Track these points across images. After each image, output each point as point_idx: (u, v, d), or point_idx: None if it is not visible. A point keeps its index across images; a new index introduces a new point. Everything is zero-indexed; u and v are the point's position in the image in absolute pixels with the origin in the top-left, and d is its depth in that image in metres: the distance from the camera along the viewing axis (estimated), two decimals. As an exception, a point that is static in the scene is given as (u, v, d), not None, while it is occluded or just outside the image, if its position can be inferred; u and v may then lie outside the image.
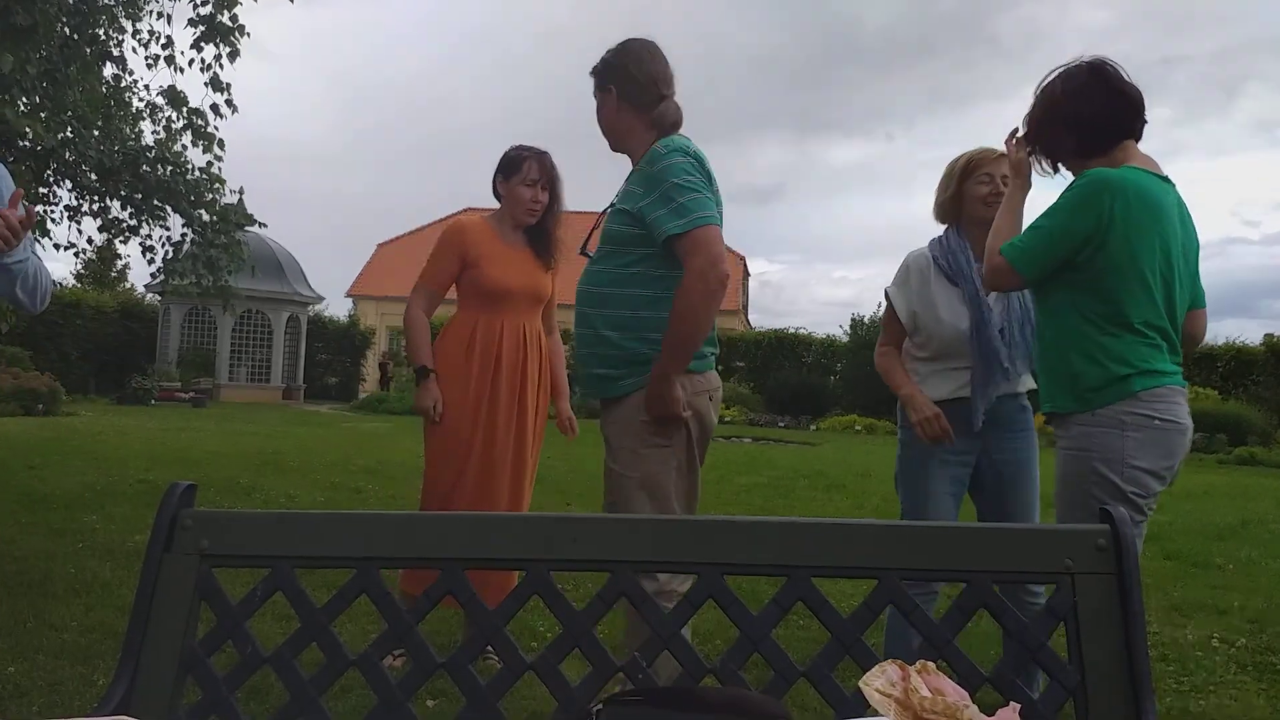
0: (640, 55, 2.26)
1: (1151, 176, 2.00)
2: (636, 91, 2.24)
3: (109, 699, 0.99)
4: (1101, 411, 1.97)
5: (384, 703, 1.02)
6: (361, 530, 1.10)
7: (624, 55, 2.27)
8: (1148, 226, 1.94)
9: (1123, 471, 1.95)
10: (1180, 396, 2.01)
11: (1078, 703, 0.99)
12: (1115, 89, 2.02)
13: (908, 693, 0.64)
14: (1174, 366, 2.02)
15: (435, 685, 2.61)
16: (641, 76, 2.24)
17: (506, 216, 3.06)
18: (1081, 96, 2.02)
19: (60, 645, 3.01)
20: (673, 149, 2.14)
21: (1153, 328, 1.98)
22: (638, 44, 2.29)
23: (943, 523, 1.90)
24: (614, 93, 2.26)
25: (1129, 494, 1.95)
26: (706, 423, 2.22)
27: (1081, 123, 2.03)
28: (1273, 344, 17.64)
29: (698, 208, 2.07)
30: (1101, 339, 1.98)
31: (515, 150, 3.06)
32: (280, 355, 21.18)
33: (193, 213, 6.95)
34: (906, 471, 2.57)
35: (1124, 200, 1.93)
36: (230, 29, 6.10)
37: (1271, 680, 3.17)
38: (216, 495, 6.18)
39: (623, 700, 0.87)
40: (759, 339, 22.66)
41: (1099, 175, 1.97)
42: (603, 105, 2.32)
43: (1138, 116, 2.05)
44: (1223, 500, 8.28)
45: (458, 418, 2.93)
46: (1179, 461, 2.01)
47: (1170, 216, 1.99)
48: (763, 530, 1.09)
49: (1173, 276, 2.00)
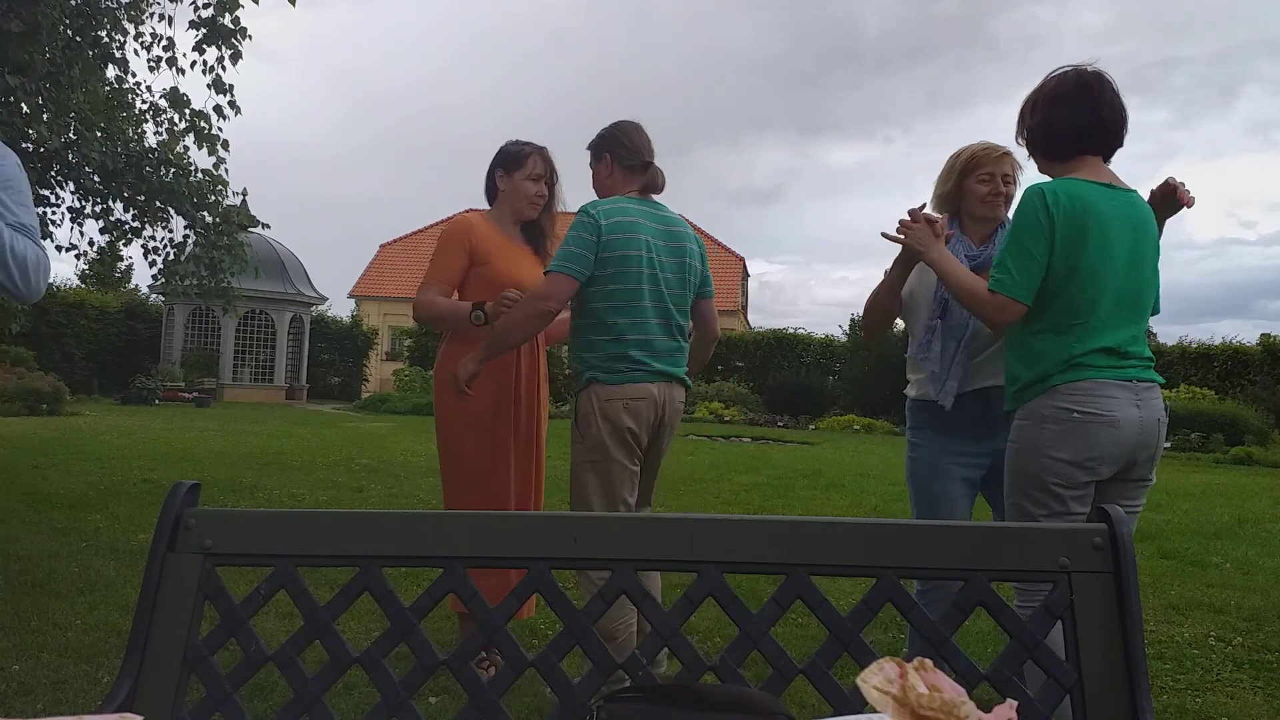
0: (629, 130, 2.79)
1: (1092, 186, 2.08)
2: (626, 156, 2.77)
3: (113, 697, 1.00)
4: (1028, 407, 2.11)
5: (387, 700, 1.03)
6: (364, 529, 1.11)
7: (617, 130, 2.80)
8: (1078, 232, 2.03)
9: (1040, 462, 2.06)
10: (1112, 390, 2.04)
11: (1075, 701, 1.00)
12: (1094, 108, 2.10)
13: (905, 690, 0.65)
14: (1107, 361, 2.05)
15: (437, 683, 2.62)
16: (631, 145, 2.77)
17: (506, 211, 3.01)
18: (1058, 104, 2.12)
19: (64, 644, 3.03)
20: (582, 210, 2.67)
21: (1082, 326, 2.05)
22: (628, 123, 2.82)
23: (940, 521, 1.90)
24: (608, 159, 2.78)
25: (1050, 484, 2.05)
26: (619, 425, 2.62)
27: (1049, 129, 2.14)
28: (1269, 344, 17.61)
29: (559, 257, 2.61)
30: (1030, 340, 2.11)
31: (515, 145, 3.01)
32: (284, 355, 21.19)
33: (195, 214, 6.96)
34: (917, 474, 2.56)
35: (1058, 207, 2.03)
36: (232, 31, 6.12)
37: (1268, 678, 3.18)
38: (220, 494, 6.20)
39: (623, 697, 0.88)
40: (758, 339, 22.64)
41: (1031, 190, 2.09)
42: (596, 171, 2.82)
43: (1107, 138, 2.13)
44: (1219, 499, 8.28)
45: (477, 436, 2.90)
46: (1110, 452, 2.04)
47: (1107, 222, 2.05)
48: (762, 529, 1.10)
49: (1107, 275, 2.05)
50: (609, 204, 2.67)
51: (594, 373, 2.65)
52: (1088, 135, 2.12)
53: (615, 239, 2.60)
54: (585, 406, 2.65)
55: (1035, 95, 2.17)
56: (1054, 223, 2.03)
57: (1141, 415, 2.05)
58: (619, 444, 2.63)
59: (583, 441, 2.66)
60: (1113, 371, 2.05)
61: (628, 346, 2.62)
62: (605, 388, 2.63)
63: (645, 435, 2.67)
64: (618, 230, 2.60)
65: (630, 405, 2.62)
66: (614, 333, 2.62)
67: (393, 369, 24.28)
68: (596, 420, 2.62)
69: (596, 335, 2.64)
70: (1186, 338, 19.64)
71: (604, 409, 2.62)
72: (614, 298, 2.61)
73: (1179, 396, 16.59)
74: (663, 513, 1.18)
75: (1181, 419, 14.67)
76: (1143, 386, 2.07)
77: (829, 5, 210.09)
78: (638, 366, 2.63)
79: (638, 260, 2.61)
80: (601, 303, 2.62)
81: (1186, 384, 17.61)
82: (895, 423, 17.61)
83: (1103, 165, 2.15)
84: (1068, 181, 2.09)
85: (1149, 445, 2.08)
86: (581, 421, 2.67)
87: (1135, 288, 2.10)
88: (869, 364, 19.34)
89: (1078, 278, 2.05)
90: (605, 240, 2.59)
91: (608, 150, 2.78)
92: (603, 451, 2.63)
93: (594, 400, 2.63)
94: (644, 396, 2.64)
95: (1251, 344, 18.29)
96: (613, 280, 2.61)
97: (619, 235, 2.60)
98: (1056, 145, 2.15)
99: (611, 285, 2.61)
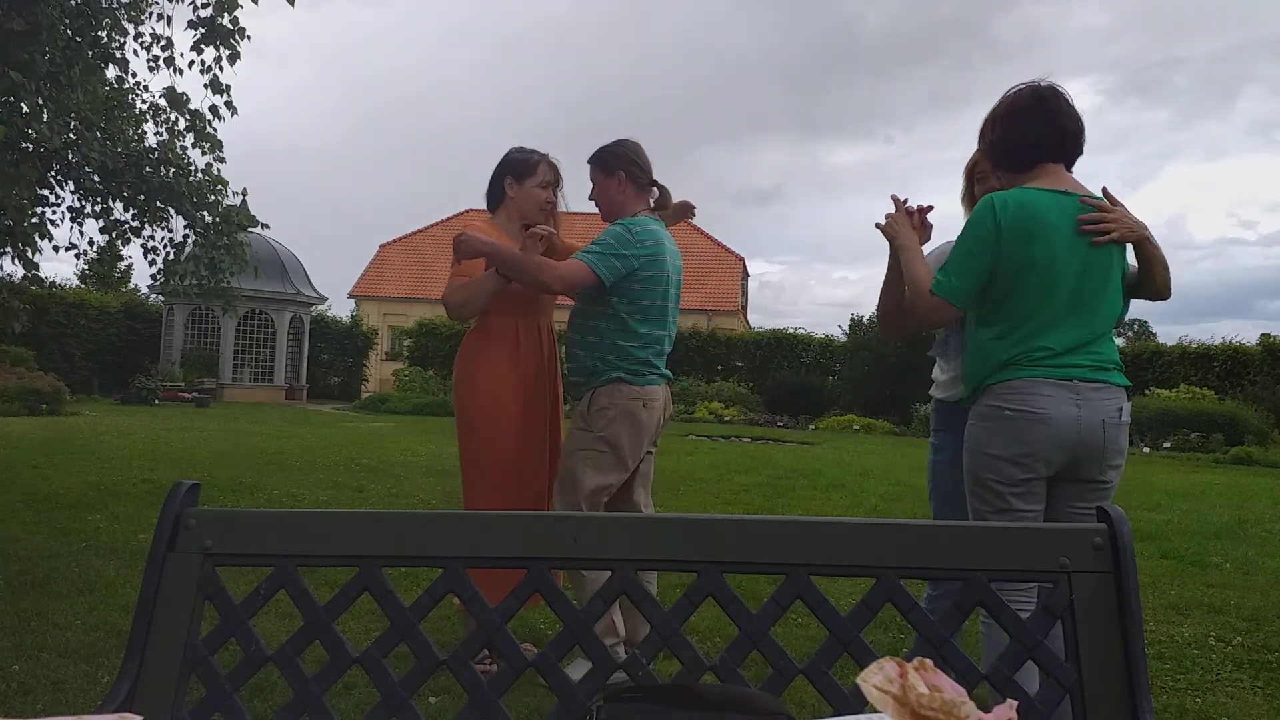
0: (637, 149, 2.97)
1: (1046, 194, 2.13)
2: (639, 175, 2.94)
3: (113, 697, 1.00)
4: (974, 407, 2.21)
5: (386, 700, 1.03)
6: (363, 529, 1.11)
7: (626, 148, 2.95)
8: (1024, 240, 2.09)
9: (978, 459, 2.15)
10: (1045, 388, 2.07)
11: (1075, 700, 1.00)
12: (1052, 119, 2.16)
13: (905, 689, 0.65)
14: (1045, 360, 2.09)
15: (437, 682, 2.62)
16: (642, 164, 2.95)
17: (514, 216, 3.06)
18: (1016, 118, 2.19)
19: (64, 644, 3.03)
20: (623, 225, 2.85)
21: (1025, 329, 2.11)
22: (632, 142, 2.98)
23: (940, 521, 1.91)
24: (622, 175, 2.92)
25: (987, 480, 2.13)
26: (639, 422, 2.85)
27: (1008, 142, 2.21)
28: (1269, 344, 17.60)
29: (596, 255, 2.79)
30: (981, 343, 2.19)
31: (523, 153, 3.07)
32: (283, 355, 21.19)
33: (195, 214, 6.95)
34: (937, 474, 2.58)
35: (1006, 216, 2.09)
36: (230, 31, 6.10)
37: (1268, 678, 3.18)
38: (220, 494, 6.20)
39: (622, 697, 0.88)
40: (758, 339, 22.64)
41: (984, 199, 2.16)
42: (606, 186, 2.95)
43: (1066, 147, 2.19)
44: (1219, 499, 8.28)
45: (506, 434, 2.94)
46: (1045, 449, 2.07)
47: (1055, 229, 2.10)
48: (762, 529, 1.10)
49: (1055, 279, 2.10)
50: (643, 224, 2.88)
51: (620, 373, 2.87)
52: (1047, 145, 2.18)
53: (652, 259, 2.86)
54: (604, 401, 2.86)
55: (994, 112, 2.24)
56: (1000, 231, 2.09)
57: (1080, 414, 2.06)
58: (630, 440, 2.85)
59: (589, 430, 2.85)
60: (1049, 370, 2.08)
61: (650, 354, 2.91)
62: (630, 388, 2.87)
63: (656, 433, 2.94)
64: (653, 251, 2.87)
65: (648, 405, 2.89)
66: (641, 340, 2.88)
67: (393, 369, 24.31)
68: (616, 414, 2.84)
69: (625, 341, 2.88)
70: (1186, 338, 19.69)
71: (627, 406, 2.85)
72: (646, 312, 2.88)
73: (1179, 396, 16.59)
74: (663, 513, 1.19)
75: (1181, 419, 14.69)
76: (1087, 386, 2.08)
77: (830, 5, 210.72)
78: (655, 371, 2.93)
79: (664, 280, 2.90)
80: (632, 315, 2.87)
81: (1186, 384, 17.61)
82: (895, 423, 17.61)
83: (1064, 173, 2.20)
84: (1021, 191, 2.15)
85: (1091, 445, 2.08)
86: (596, 414, 2.86)
87: (1089, 291, 2.12)
88: (869, 364, 19.34)
89: (1024, 282, 2.11)
90: (644, 260, 2.83)
91: (621, 168, 2.94)
92: (611, 444, 2.84)
93: (618, 396, 2.85)
94: (658, 398, 2.93)
95: (1251, 344, 18.29)
96: (645, 295, 2.87)
97: (654, 255, 2.87)
98: (1016, 157, 2.21)
99: (645, 301, 2.88)
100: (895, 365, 18.50)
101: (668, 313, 2.95)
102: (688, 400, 19.11)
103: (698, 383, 20.55)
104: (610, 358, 2.87)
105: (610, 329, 2.88)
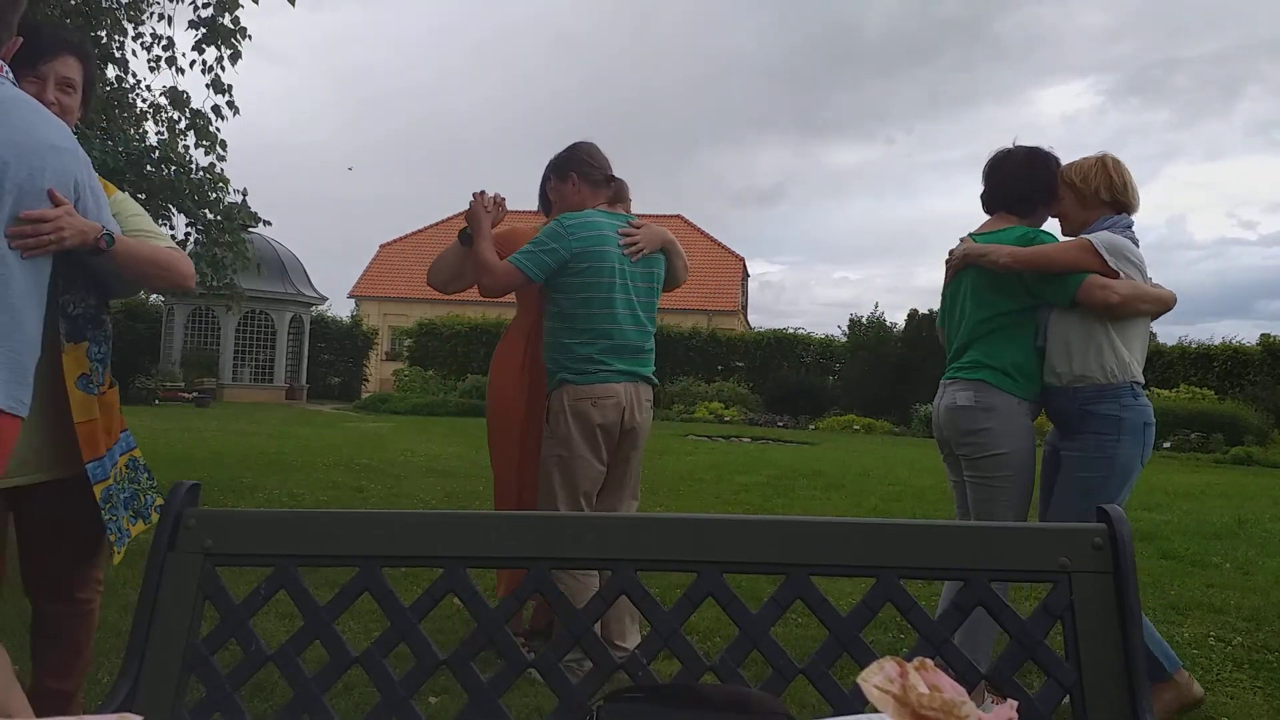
0: (589, 149, 3.02)
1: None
2: (590, 171, 2.98)
3: (113, 697, 1.00)
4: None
5: (386, 700, 1.03)
6: (363, 529, 1.11)
7: (578, 150, 3.01)
8: None
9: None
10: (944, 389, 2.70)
11: (1075, 700, 1.00)
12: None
13: (906, 689, 0.65)
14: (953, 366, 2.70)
15: (438, 682, 2.62)
16: (594, 162, 2.99)
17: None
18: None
19: (64, 644, 3.02)
20: (555, 221, 2.87)
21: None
22: (586, 143, 3.04)
23: (940, 521, 1.91)
24: (574, 177, 2.97)
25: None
26: (588, 423, 2.81)
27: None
28: (1269, 344, 17.59)
29: (523, 254, 2.82)
30: None
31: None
32: (283, 355, 21.18)
33: (198, 212, 6.95)
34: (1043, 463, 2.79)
35: None
36: (231, 31, 6.11)
37: (1268, 678, 3.18)
38: (220, 495, 6.20)
39: (623, 697, 0.88)
40: (758, 339, 22.63)
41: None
42: (562, 190, 3.00)
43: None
44: (1219, 500, 8.27)
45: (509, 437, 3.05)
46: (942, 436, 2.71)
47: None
48: (762, 529, 1.10)
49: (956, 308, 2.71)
50: (579, 217, 2.87)
51: (565, 374, 2.85)
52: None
53: (586, 250, 2.81)
54: (556, 405, 2.86)
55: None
56: None
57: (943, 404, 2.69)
58: (586, 441, 2.83)
59: (552, 437, 2.86)
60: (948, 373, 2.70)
61: (595, 349, 2.83)
62: (575, 387, 2.83)
63: (614, 433, 2.87)
64: (588, 242, 2.81)
65: (599, 404, 2.83)
66: (584, 336, 2.83)
67: (393, 369, 24.30)
68: (566, 417, 2.82)
69: (568, 339, 2.85)
70: (1186, 338, 19.62)
71: (573, 407, 2.82)
72: (586, 304, 2.82)
73: (1179, 396, 16.58)
74: (663, 513, 1.18)
75: (1181, 419, 14.68)
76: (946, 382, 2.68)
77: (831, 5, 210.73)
78: (604, 367, 2.85)
79: (609, 270, 2.83)
80: (573, 309, 2.84)
81: (1186, 384, 17.60)
82: (895, 423, 17.60)
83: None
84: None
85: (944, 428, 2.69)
86: (552, 419, 2.87)
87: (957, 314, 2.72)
88: (868, 364, 19.33)
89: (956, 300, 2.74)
90: (575, 251, 2.80)
91: (573, 169, 2.98)
92: (569, 447, 2.82)
93: (564, 399, 2.83)
94: (610, 396, 2.84)
95: (1251, 344, 18.27)
96: (584, 288, 2.82)
97: (590, 247, 2.81)
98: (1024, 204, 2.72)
99: (584, 293, 2.82)
100: (895, 365, 18.50)
101: (615, 304, 2.84)
102: (688, 400, 19.11)
103: (698, 383, 20.53)
104: (558, 357, 2.87)
105: (556, 327, 2.88)
